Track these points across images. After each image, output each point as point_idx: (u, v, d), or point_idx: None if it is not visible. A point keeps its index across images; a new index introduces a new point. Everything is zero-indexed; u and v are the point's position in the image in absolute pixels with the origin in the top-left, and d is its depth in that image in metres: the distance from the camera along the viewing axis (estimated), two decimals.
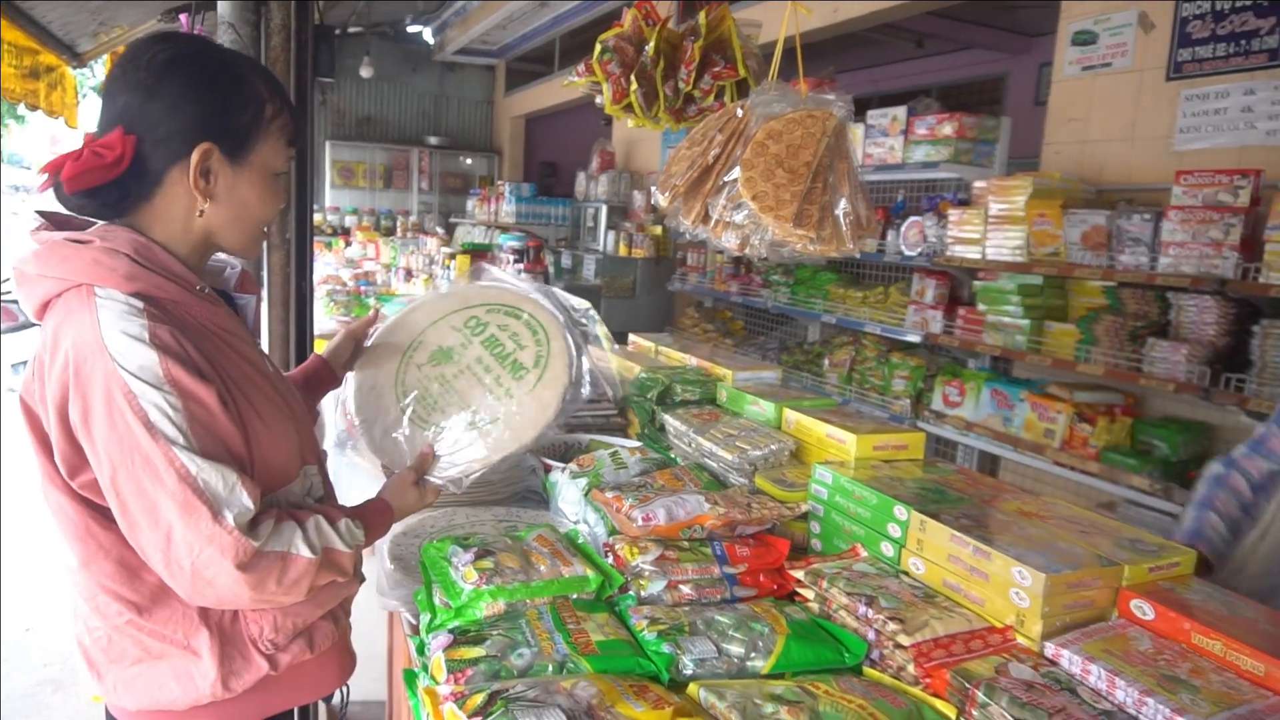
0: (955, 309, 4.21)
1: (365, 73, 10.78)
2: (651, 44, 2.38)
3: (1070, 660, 1.21)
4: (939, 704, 1.20)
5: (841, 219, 1.95)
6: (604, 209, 7.87)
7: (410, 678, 1.42)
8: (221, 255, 1.47)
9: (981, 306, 4.02)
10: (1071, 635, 1.25)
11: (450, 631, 1.39)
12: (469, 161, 12.53)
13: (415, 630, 1.53)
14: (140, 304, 1.18)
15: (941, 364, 4.43)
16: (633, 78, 2.37)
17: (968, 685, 1.17)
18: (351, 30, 10.83)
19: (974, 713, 1.16)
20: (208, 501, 1.14)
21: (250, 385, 1.29)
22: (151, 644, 1.28)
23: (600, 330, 1.86)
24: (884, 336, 4.67)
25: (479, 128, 12.66)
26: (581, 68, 2.49)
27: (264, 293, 2.82)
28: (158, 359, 1.14)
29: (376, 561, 1.76)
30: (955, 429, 4.08)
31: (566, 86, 2.66)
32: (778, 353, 5.42)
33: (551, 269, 5.08)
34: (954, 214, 4.12)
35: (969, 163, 4.30)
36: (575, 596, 1.51)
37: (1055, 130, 4.27)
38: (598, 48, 2.44)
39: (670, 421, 2.20)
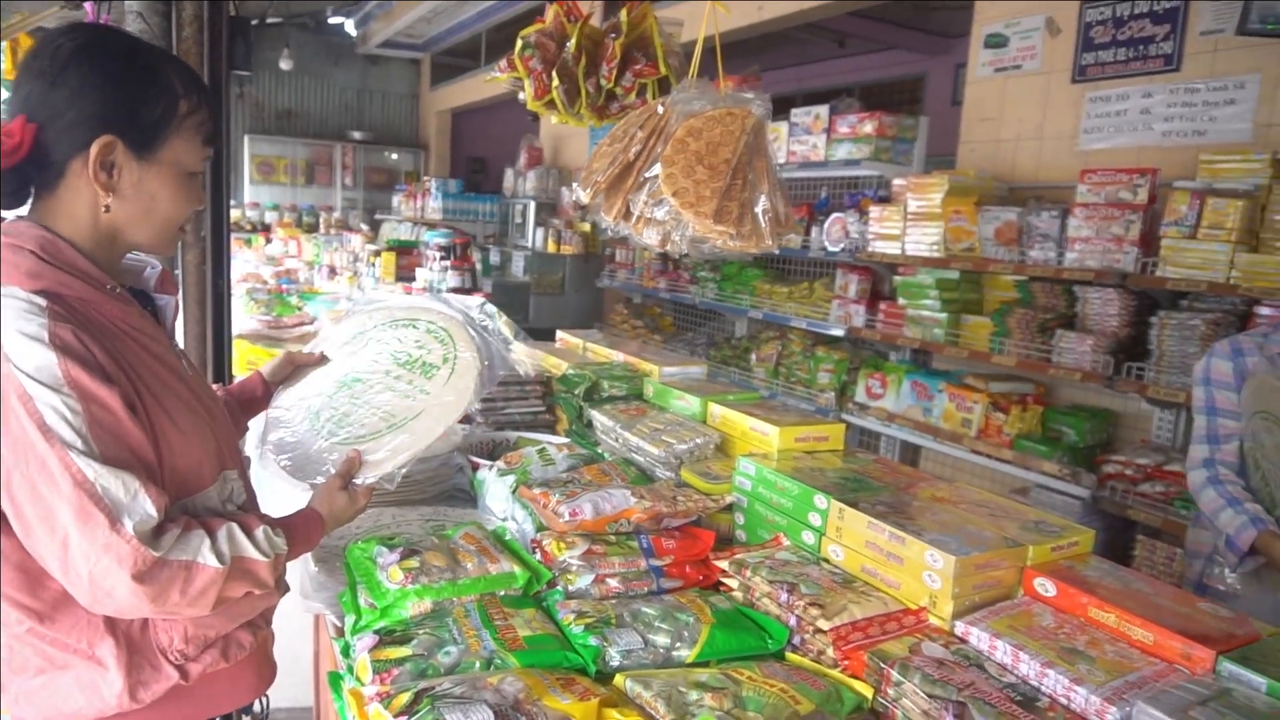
0: (877, 303, 4.32)
1: (285, 65, 10.50)
2: (573, 40, 2.38)
3: (979, 637, 1.26)
4: (857, 684, 1.25)
5: (761, 216, 1.99)
6: (532, 205, 7.84)
7: (335, 680, 1.40)
8: (141, 254, 1.42)
9: (902, 301, 4.14)
10: (980, 614, 1.31)
11: (376, 632, 1.38)
12: (394, 157, 12.32)
13: (340, 633, 1.51)
14: (43, 302, 1.13)
15: (865, 357, 4.54)
16: (554, 74, 2.38)
17: (883, 665, 1.22)
18: (270, 21, 10.52)
19: (889, 691, 1.21)
20: (105, 509, 1.10)
21: (163, 388, 1.25)
22: (54, 654, 1.24)
23: (501, 322, 1.88)
24: (809, 331, 4.77)
25: (404, 122, 12.45)
26: (504, 63, 2.48)
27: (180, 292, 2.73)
28: (56, 360, 1.10)
29: (300, 564, 1.73)
30: (878, 420, 4.19)
31: (489, 82, 2.64)
32: (706, 348, 5.48)
33: (479, 266, 5.03)
34: (875, 211, 4.23)
35: (889, 160, 4.42)
36: (503, 593, 1.51)
37: (970, 129, 4.42)
38: (519, 43, 2.43)
39: (598, 417, 2.21)
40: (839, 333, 4.47)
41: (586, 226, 7.16)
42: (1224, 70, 3.40)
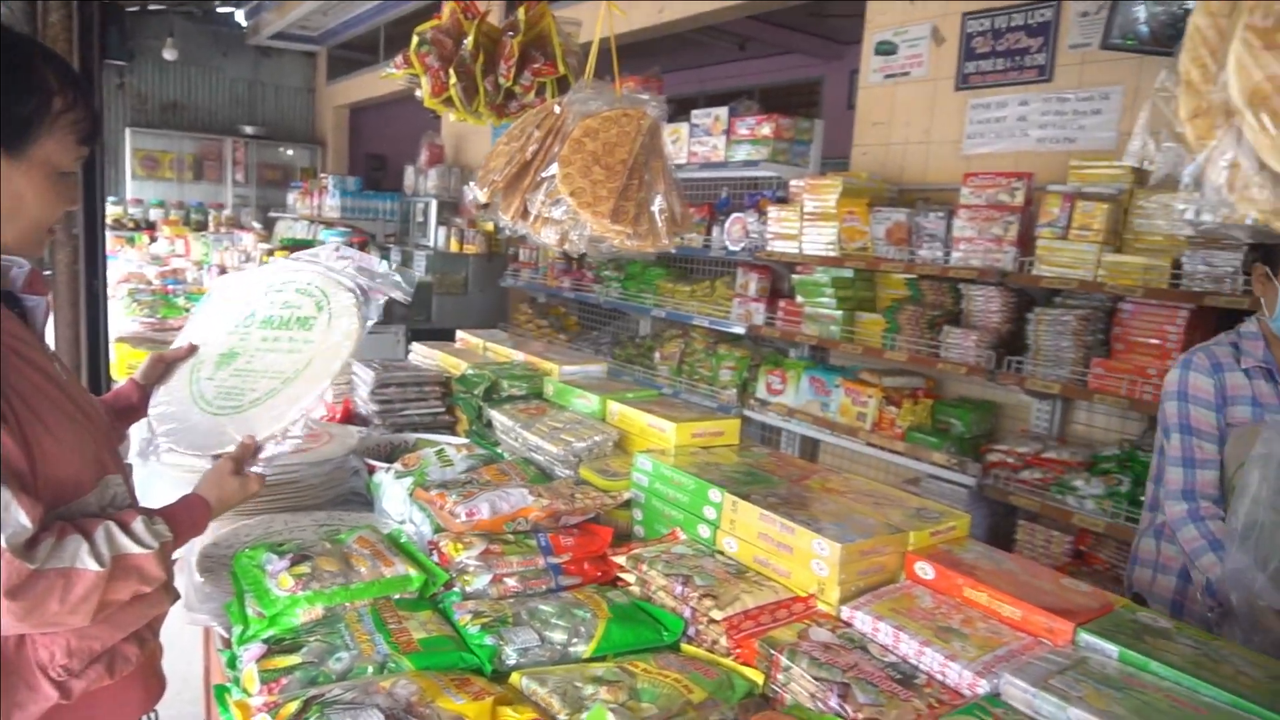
0: (776, 301, 4.43)
1: (169, 55, 10.02)
2: (470, 38, 2.36)
3: (863, 621, 1.32)
4: (748, 671, 1.28)
5: (657, 215, 2.02)
6: (434, 204, 7.71)
7: (220, 693, 1.36)
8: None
9: (800, 299, 4.25)
10: (865, 598, 1.36)
11: (264, 641, 1.34)
12: (289, 153, 11.92)
13: (228, 644, 1.47)
14: None
15: (765, 354, 4.64)
16: (452, 71, 2.35)
17: (773, 652, 1.26)
18: (152, 8, 10.03)
19: (779, 676, 1.25)
20: None
21: (37, 394, 1.19)
22: None
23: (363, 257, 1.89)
24: (711, 329, 4.85)
25: (300, 117, 12.06)
26: (400, 59, 2.44)
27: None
28: None
29: (184, 575, 1.67)
30: (778, 416, 4.30)
31: (384, 78, 2.59)
32: (611, 347, 5.50)
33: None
34: (773, 211, 4.33)
35: (786, 162, 4.54)
36: (398, 596, 1.49)
37: (862, 133, 4.57)
38: (415, 39, 2.40)
39: (497, 417, 2.20)
40: (740, 330, 4.56)
41: (490, 226, 7.09)
42: (1091, 82, 3.62)
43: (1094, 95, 3.60)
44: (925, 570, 1.41)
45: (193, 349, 1.73)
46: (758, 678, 1.27)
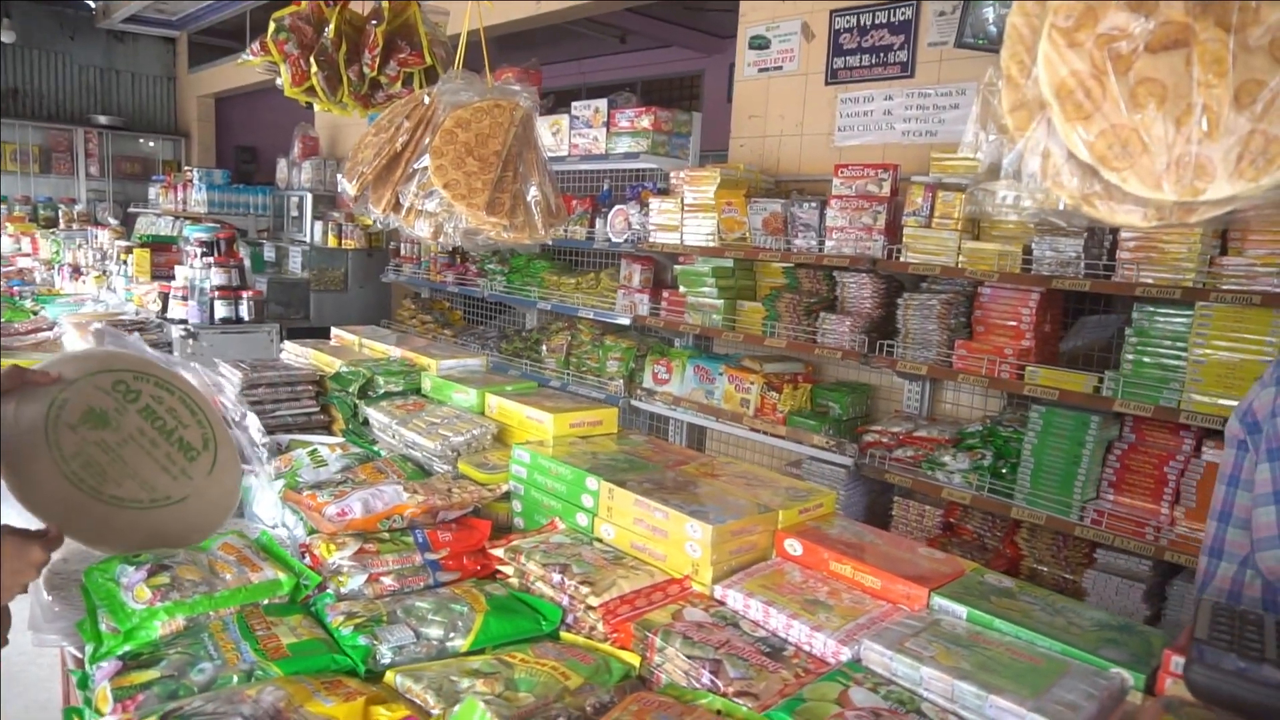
0: (660, 292, 4.48)
1: (6, 38, 9.28)
2: (332, 25, 2.29)
3: (734, 598, 1.36)
4: (625, 655, 1.30)
5: (533, 206, 2.01)
6: (309, 197, 7.43)
7: (71, 716, 1.28)
8: None
9: (682, 289, 4.32)
10: (737, 576, 1.41)
11: (120, 658, 1.28)
12: (150, 144, 11.25)
13: (81, 664, 1.39)
14: None
15: (651, 344, 4.70)
16: (313, 60, 2.28)
17: (648, 634, 1.28)
18: None
19: (654, 657, 1.27)
20: None
21: None
22: None
23: (254, 428, 1.83)
24: (597, 320, 4.87)
25: (160, 107, 11.39)
26: (256, 46, 2.35)
27: None
28: None
29: (31, 594, 1.56)
30: (665, 404, 4.36)
31: (240, 65, 2.49)
32: (497, 341, 5.45)
33: (249, 262, 4.72)
34: (654, 202, 4.38)
35: (666, 154, 4.59)
36: (266, 602, 1.44)
37: (739, 126, 4.68)
38: (272, 26, 2.31)
39: (373, 415, 2.16)
40: (625, 321, 4.60)
41: (370, 219, 6.89)
42: (949, 78, 3.81)
43: (952, 91, 3.79)
44: (794, 547, 1.46)
45: (59, 380, 1.54)
46: (634, 660, 1.29)
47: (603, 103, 4.73)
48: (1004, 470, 3.23)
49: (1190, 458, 2.87)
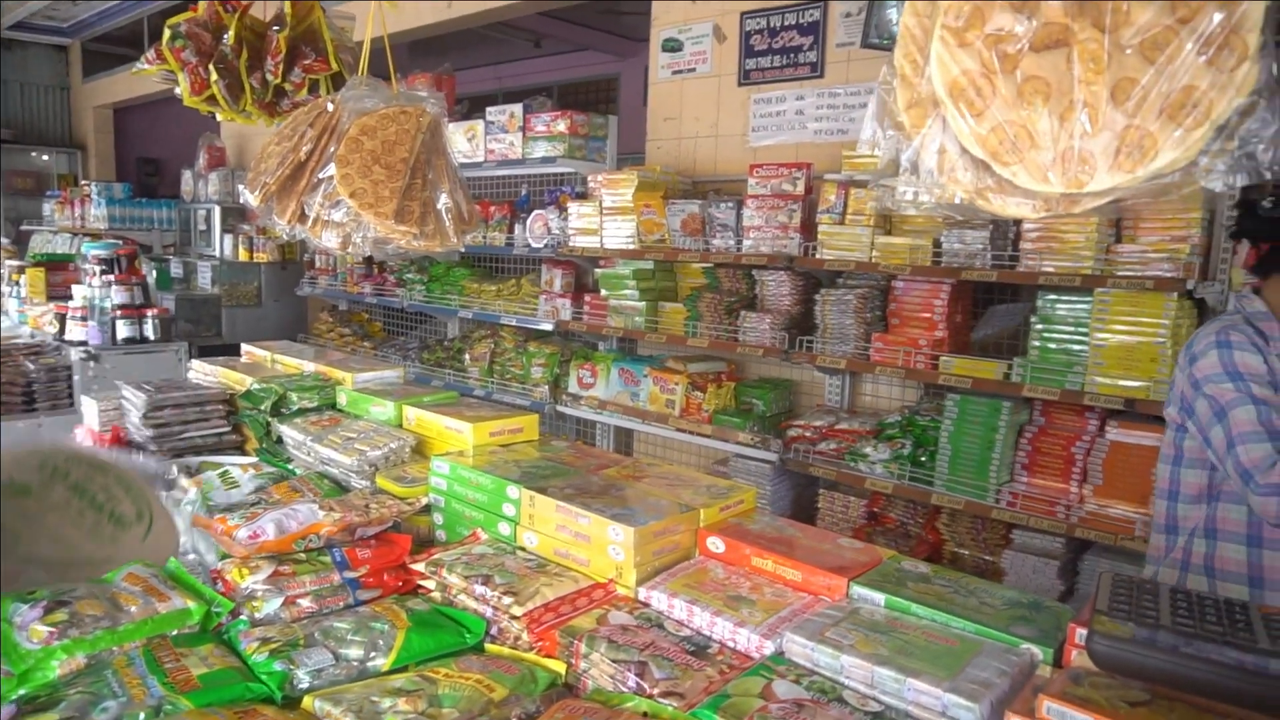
0: (582, 296, 4.47)
1: None
2: (231, 32, 2.22)
3: (659, 599, 1.36)
4: (550, 663, 1.29)
5: (444, 214, 1.98)
6: (217, 210, 7.18)
7: None
8: None
9: (604, 292, 4.32)
10: (660, 577, 1.41)
11: (15, 702, 1.21)
12: (44, 158, 10.72)
13: None
14: None
15: (575, 349, 4.68)
16: (212, 67, 2.20)
17: (573, 640, 1.27)
18: None
19: (580, 663, 1.26)
20: None
21: None
22: None
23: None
24: (520, 327, 4.83)
25: (54, 118, 10.86)
26: (151, 54, 2.25)
27: None
28: None
29: None
30: (591, 409, 4.34)
31: (135, 75, 2.39)
32: (419, 351, 5.36)
33: (153, 279, 4.53)
34: (573, 207, 4.37)
35: (584, 158, 4.58)
36: (175, 633, 1.38)
37: (655, 128, 4.70)
38: (167, 33, 2.22)
39: (287, 432, 2.09)
40: (548, 327, 4.57)
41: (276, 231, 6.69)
42: (857, 78, 3.89)
43: (860, 90, 3.88)
44: (716, 544, 1.47)
45: None
46: (560, 668, 1.28)
47: (518, 107, 4.70)
48: (923, 458, 3.32)
49: (1095, 437, 3.00)
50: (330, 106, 2.05)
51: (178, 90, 2.35)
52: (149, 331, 4.32)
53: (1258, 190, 1.95)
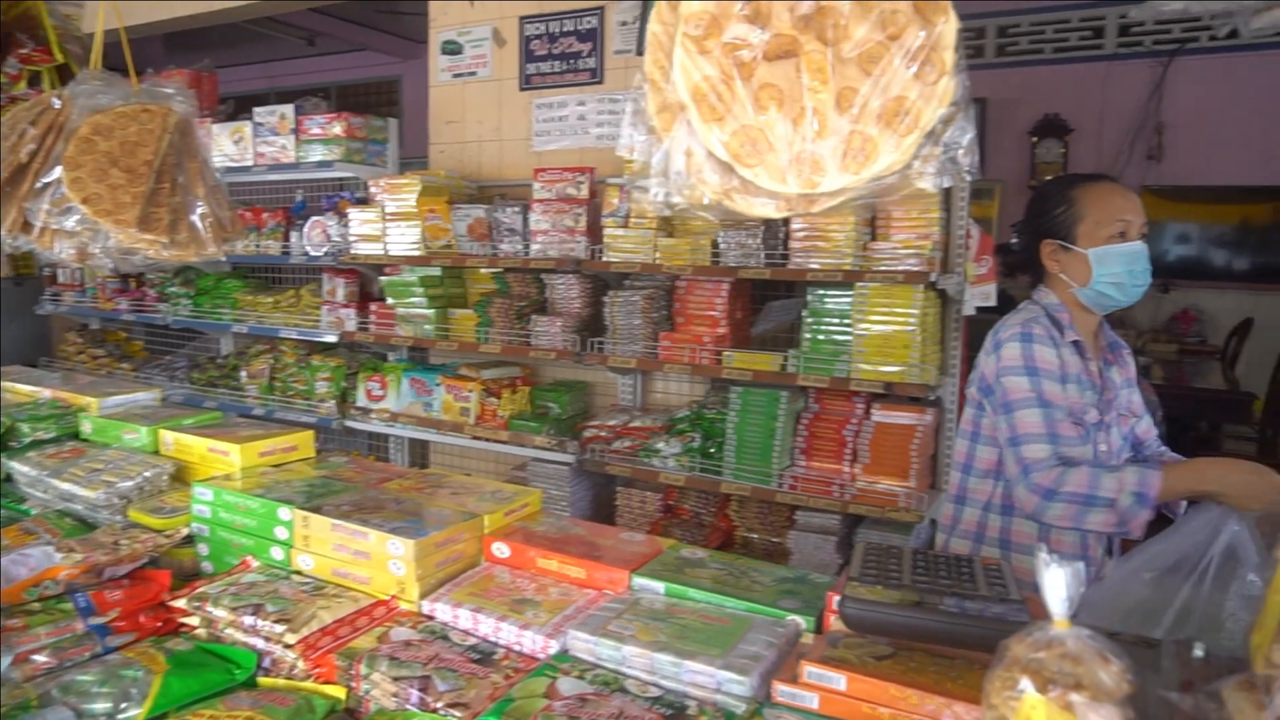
0: (368, 305, 4.30)
1: None
2: None
3: (443, 610, 1.33)
4: (329, 689, 1.23)
5: (200, 222, 1.84)
6: None
7: None
8: None
9: (391, 300, 4.17)
10: (444, 588, 1.38)
11: None
12: None
13: None
14: None
15: (362, 360, 4.49)
16: None
17: (352, 662, 1.22)
18: None
19: (360, 685, 1.21)
20: None
21: None
22: None
23: None
24: (302, 340, 4.57)
25: None
26: None
27: None
28: None
29: None
30: (383, 422, 4.19)
31: None
32: (189, 371, 4.94)
33: None
34: (354, 213, 4.19)
35: (363, 162, 4.41)
36: None
37: (438, 131, 4.60)
38: None
39: (18, 469, 1.86)
40: (333, 339, 4.36)
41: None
42: (637, 84, 4.00)
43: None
44: (501, 549, 1.46)
45: None
46: (340, 693, 1.22)
47: (289, 109, 4.45)
48: (712, 450, 3.46)
49: (862, 420, 3.26)
50: (57, 103, 1.84)
51: None
52: None
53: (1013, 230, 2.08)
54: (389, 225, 4.07)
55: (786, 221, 3.33)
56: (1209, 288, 6.86)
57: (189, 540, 1.63)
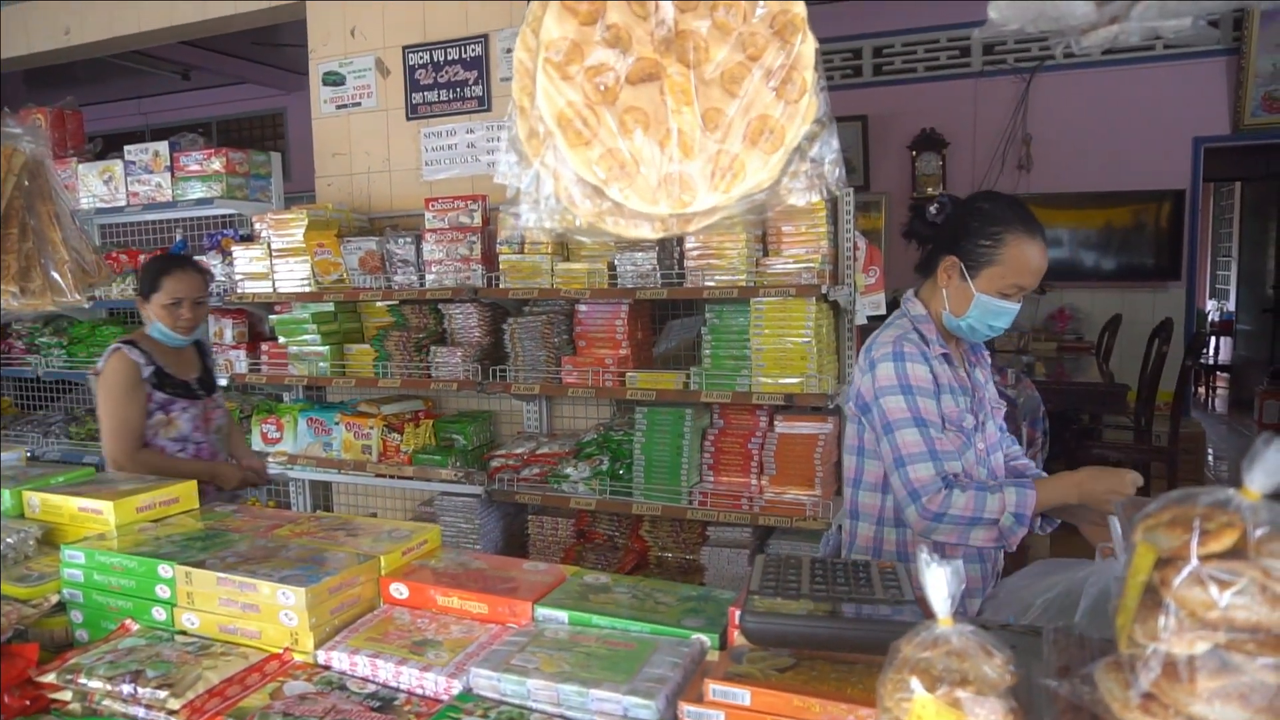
0: (258, 345, 4.14)
1: None
2: None
3: (339, 659, 1.28)
4: None
5: (53, 267, 1.74)
6: None
7: None
8: None
9: (283, 339, 4.03)
10: (341, 635, 1.33)
11: None
12: None
13: None
14: None
15: (256, 403, 4.32)
16: None
17: None
18: None
19: None
20: None
21: None
22: None
23: None
24: None
25: None
26: None
27: None
28: None
29: None
30: (280, 465, 4.03)
31: None
32: (65, 425, 4.65)
33: None
34: (239, 251, 4.04)
35: (245, 198, 4.26)
36: None
37: (324, 164, 4.49)
38: None
39: None
40: (223, 382, 4.16)
41: None
42: (509, 112, 3.99)
43: None
44: (400, 590, 1.42)
45: None
46: None
47: (163, 145, 4.27)
48: (621, 471, 3.46)
49: (766, 432, 3.31)
50: None
51: None
52: None
53: (930, 199, 2.12)
54: (276, 262, 3.94)
55: (681, 241, 3.37)
56: (1081, 287, 7.28)
57: (60, 608, 1.52)
